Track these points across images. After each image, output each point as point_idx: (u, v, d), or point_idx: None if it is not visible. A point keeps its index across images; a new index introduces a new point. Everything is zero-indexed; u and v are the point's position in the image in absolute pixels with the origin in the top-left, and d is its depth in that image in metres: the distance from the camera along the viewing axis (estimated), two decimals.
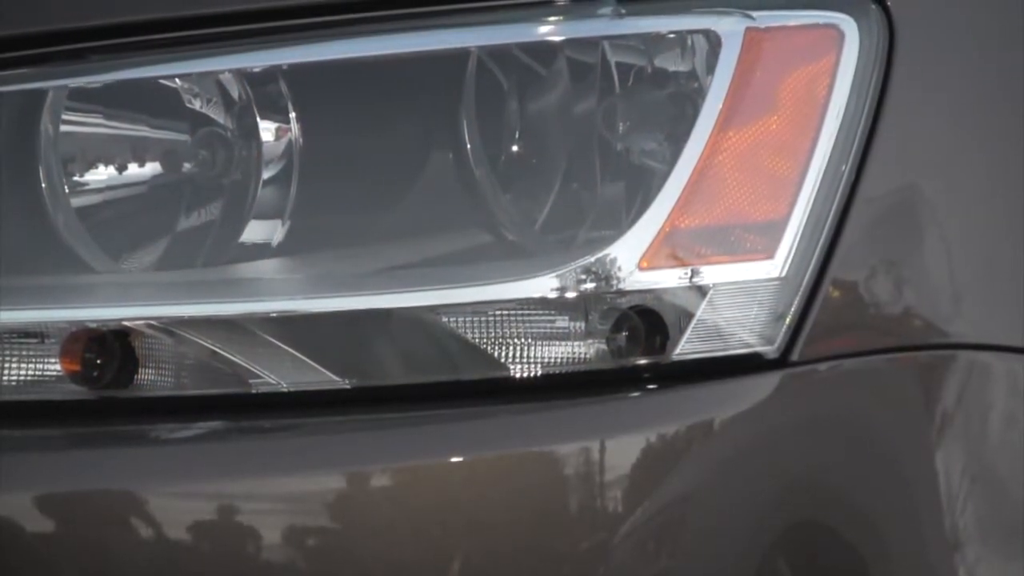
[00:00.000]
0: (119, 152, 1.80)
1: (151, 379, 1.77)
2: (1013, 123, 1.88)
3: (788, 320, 1.76)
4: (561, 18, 1.79)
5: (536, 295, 1.74)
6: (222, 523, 1.73)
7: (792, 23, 1.79)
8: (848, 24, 1.79)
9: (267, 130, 1.79)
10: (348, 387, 1.76)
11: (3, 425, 1.80)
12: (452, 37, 1.79)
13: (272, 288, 1.78)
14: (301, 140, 1.79)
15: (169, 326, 1.76)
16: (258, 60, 1.79)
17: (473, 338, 1.75)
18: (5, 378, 1.80)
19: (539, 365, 1.75)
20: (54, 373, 1.78)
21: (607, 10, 1.79)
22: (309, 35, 1.81)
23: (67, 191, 1.80)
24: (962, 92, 1.87)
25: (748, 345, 1.76)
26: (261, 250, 1.79)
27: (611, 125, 1.79)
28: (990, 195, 1.86)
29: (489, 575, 1.72)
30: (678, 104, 1.78)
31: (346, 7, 1.82)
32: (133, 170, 1.80)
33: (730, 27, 1.78)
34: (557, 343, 1.75)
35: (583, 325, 1.75)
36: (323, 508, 1.73)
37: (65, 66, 1.81)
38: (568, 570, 1.72)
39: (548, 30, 1.78)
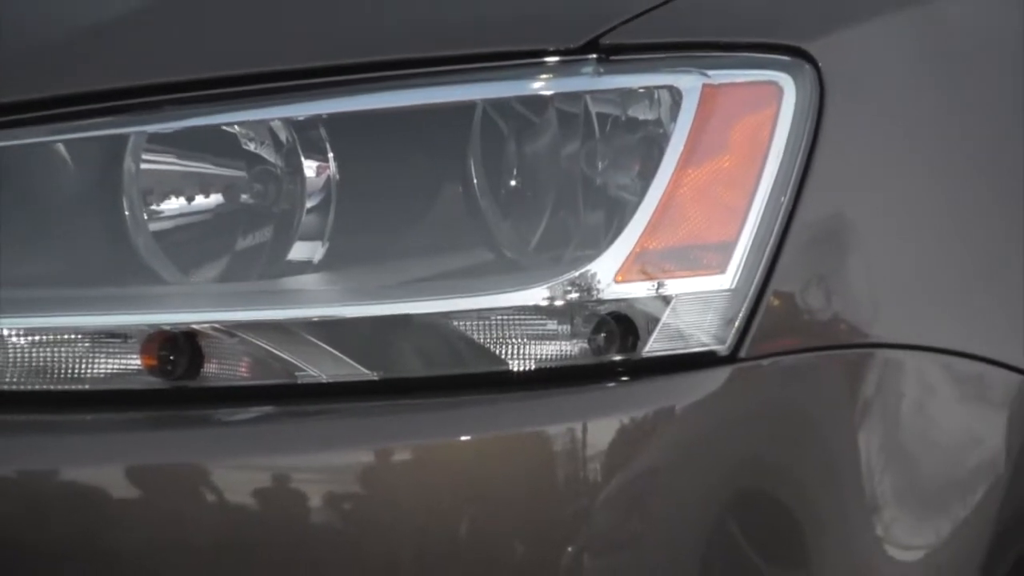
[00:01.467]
0: (188, 186, 1.78)
1: (215, 372, 1.74)
2: (920, 159, 1.86)
3: (737, 324, 1.75)
4: (551, 76, 1.77)
5: (530, 303, 1.73)
6: (272, 490, 1.71)
7: (740, 80, 1.78)
8: (786, 81, 1.78)
9: (309, 168, 1.77)
10: (376, 379, 1.74)
11: (94, 410, 1.75)
12: (461, 91, 1.77)
13: (313, 298, 1.76)
14: (338, 176, 1.76)
15: (230, 328, 1.74)
16: (302, 110, 1.77)
17: (478, 338, 1.74)
18: (95, 371, 1.75)
19: (533, 361, 1.73)
20: (135, 367, 1.74)
21: (588, 69, 1.76)
22: (344, 89, 1.78)
23: (146, 218, 1.76)
24: (880, 134, 1.85)
25: (704, 344, 1.74)
26: (304, 266, 1.77)
27: (592, 163, 1.76)
28: (903, 221, 1.84)
29: (490, 532, 1.70)
30: (647, 146, 1.76)
31: (373, 67, 1.78)
32: (200, 200, 1.77)
33: (689, 83, 1.77)
34: (547, 343, 1.74)
35: (569, 328, 1.73)
36: (355, 478, 1.71)
37: (144, 114, 1.78)
38: (557, 529, 1.69)
39: (540, 85, 1.76)
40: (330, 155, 1.77)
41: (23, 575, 1.71)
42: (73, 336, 1.76)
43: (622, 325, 1.73)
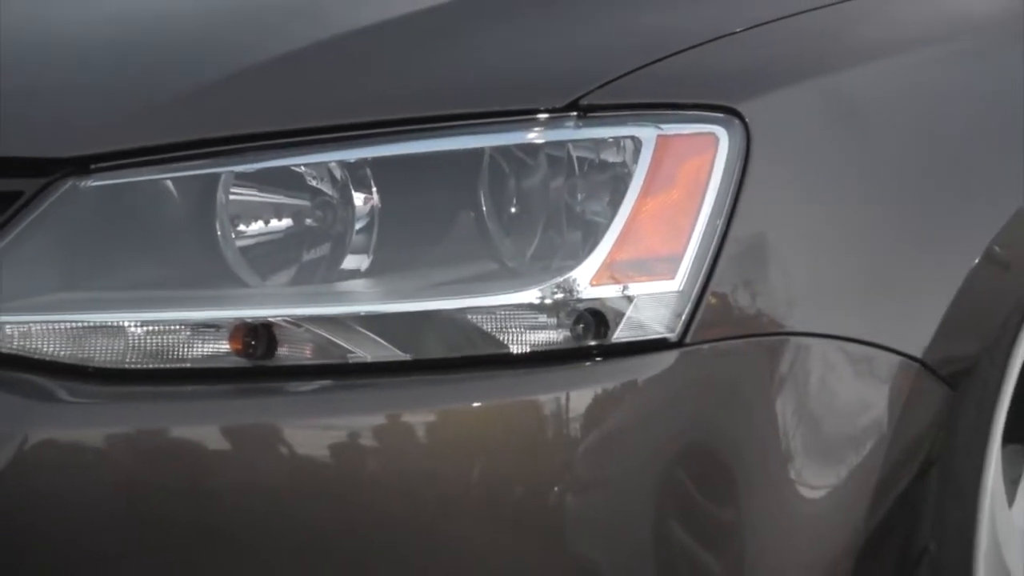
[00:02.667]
0: (266, 212, 1.77)
1: (286, 354, 1.74)
2: (824, 191, 1.84)
3: (683, 317, 1.75)
4: (542, 128, 1.77)
5: (526, 302, 1.74)
6: (330, 444, 1.71)
7: (686, 131, 1.78)
8: (721, 132, 1.78)
9: (358, 198, 1.77)
10: (408, 359, 1.74)
11: (194, 383, 1.74)
12: (473, 140, 1.77)
13: (361, 297, 1.75)
14: (379, 204, 1.76)
15: (297, 321, 1.73)
16: (352, 155, 1.77)
17: (486, 328, 1.74)
18: (195, 353, 1.74)
19: (528, 345, 1.74)
20: (225, 350, 1.74)
21: (570, 123, 1.77)
22: (383, 139, 1.78)
23: (233, 236, 1.76)
24: (793, 172, 1.83)
25: (658, 333, 1.75)
26: (354, 273, 1.77)
27: (572, 195, 1.77)
28: (810, 239, 1.82)
29: (495, 476, 1.71)
30: (614, 182, 1.77)
31: (406, 121, 1.78)
32: (274, 223, 1.77)
33: (647, 134, 1.77)
34: (539, 332, 1.74)
35: (555, 320, 1.74)
36: (392, 434, 1.72)
37: (232, 158, 1.78)
38: (546, 474, 1.71)
39: (534, 135, 1.77)
40: (374, 189, 1.77)
41: (145, 510, 1.71)
42: (178, 327, 1.74)
43: (596, 318, 1.75)
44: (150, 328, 1.76)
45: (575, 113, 1.79)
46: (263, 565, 1.72)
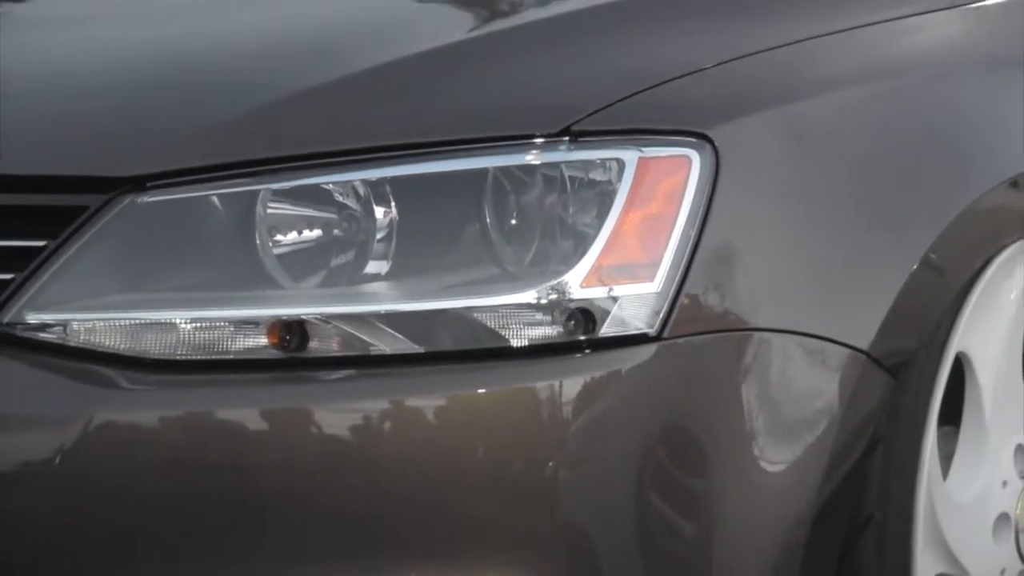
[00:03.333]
0: (299, 224, 1.77)
1: (316, 346, 1.73)
2: (783, 205, 1.84)
3: (661, 315, 1.75)
4: (538, 151, 1.77)
5: (525, 301, 1.74)
6: (354, 424, 1.71)
7: (663, 154, 1.78)
8: (694, 155, 1.78)
9: (379, 212, 1.76)
10: (422, 351, 1.73)
11: (236, 372, 1.74)
12: (479, 161, 1.77)
13: (381, 298, 1.75)
14: (397, 217, 1.76)
15: (326, 318, 1.73)
16: (373, 174, 1.76)
17: (491, 324, 1.74)
18: (237, 345, 1.73)
19: (526, 339, 1.74)
20: (263, 344, 1.73)
21: (563, 147, 1.77)
22: (401, 160, 1.78)
23: (270, 245, 1.76)
24: (756, 189, 1.83)
25: (639, 329, 1.74)
26: (375, 277, 1.76)
27: (565, 209, 1.77)
28: (772, 247, 1.82)
29: (498, 452, 1.71)
30: (601, 198, 1.77)
31: (420, 145, 1.78)
32: (306, 234, 1.77)
33: (630, 156, 1.77)
34: (536, 327, 1.74)
35: (550, 318, 1.74)
36: (408, 416, 1.72)
37: (269, 176, 1.77)
38: (543, 450, 1.71)
39: (531, 157, 1.77)
40: (392, 203, 1.77)
41: (192, 482, 1.71)
42: (222, 323, 1.74)
43: (585, 316, 1.75)
44: (198, 324, 1.75)
45: (567, 138, 1.79)
46: (296, 530, 1.71)
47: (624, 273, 1.77)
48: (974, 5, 2.12)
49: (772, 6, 2.04)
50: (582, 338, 1.75)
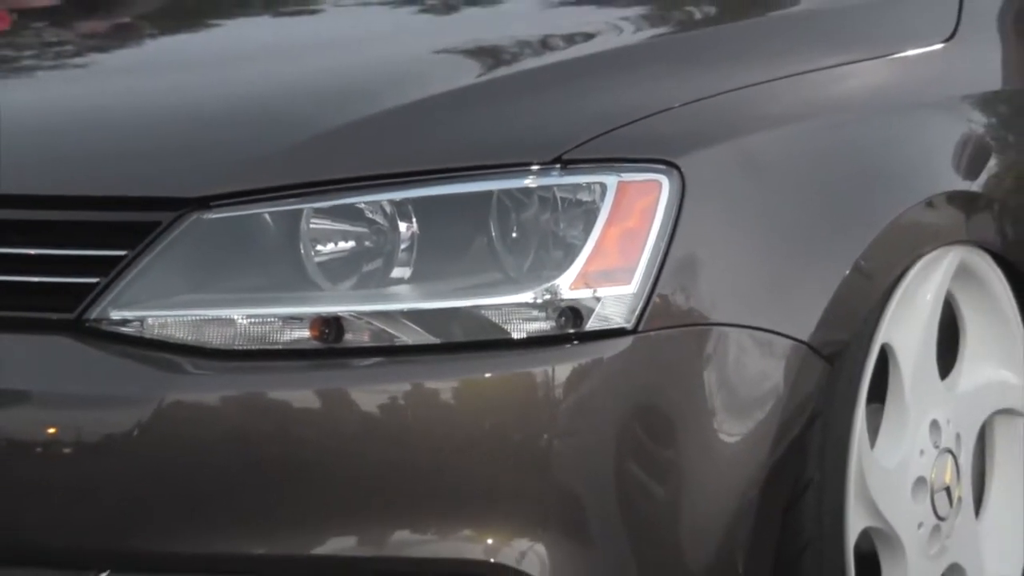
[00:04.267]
0: (336, 237, 1.76)
1: (350, 339, 1.72)
2: (740, 221, 1.82)
3: (637, 312, 1.74)
4: (535, 176, 1.76)
5: (524, 301, 1.73)
6: (381, 404, 1.71)
7: (639, 179, 1.77)
8: (664, 179, 1.78)
9: (402, 226, 1.75)
10: (438, 342, 1.72)
11: (284, 360, 1.73)
12: (485, 184, 1.76)
13: (404, 298, 1.74)
14: (418, 231, 1.75)
15: (358, 315, 1.72)
16: (398, 195, 1.75)
17: (495, 320, 1.73)
18: (285, 338, 1.72)
19: (525, 332, 1.73)
20: (306, 336, 1.72)
21: (556, 172, 1.76)
22: (421, 183, 1.77)
23: (312, 255, 1.75)
24: (716, 207, 1.81)
25: (619, 324, 1.74)
26: (399, 281, 1.75)
27: (557, 224, 1.76)
28: (729, 255, 1.81)
29: (501, 427, 1.70)
30: (587, 215, 1.76)
31: (437, 171, 1.77)
32: (341, 244, 1.76)
33: (610, 180, 1.77)
34: (533, 323, 1.73)
35: (544, 315, 1.73)
36: (427, 397, 1.71)
37: (311, 197, 1.76)
38: (538, 425, 1.70)
39: (529, 181, 1.76)
40: (413, 219, 1.76)
41: (247, 451, 1.70)
42: (272, 319, 1.74)
43: (573, 313, 1.74)
44: (252, 320, 1.75)
45: (558, 165, 1.78)
46: (332, 489, 1.71)
47: (606, 277, 1.76)
48: (894, 56, 2.10)
49: (726, 57, 2.02)
50: (571, 331, 1.75)
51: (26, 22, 2.46)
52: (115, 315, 1.75)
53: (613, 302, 1.76)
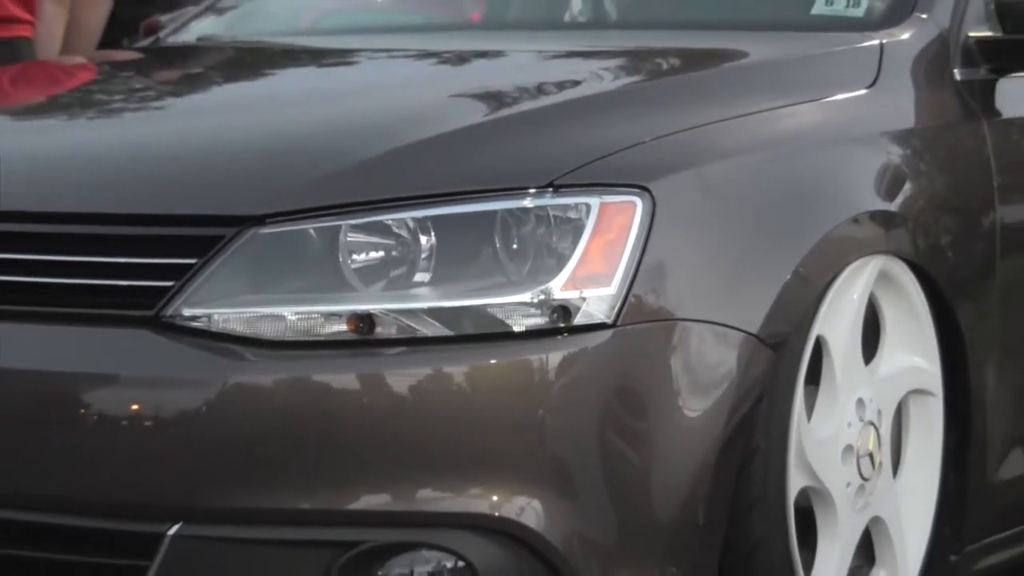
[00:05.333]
0: (369, 248, 1.74)
1: (380, 332, 1.71)
2: (700, 234, 1.81)
3: (615, 310, 1.73)
4: (531, 198, 1.76)
5: (523, 301, 1.72)
6: (408, 385, 1.70)
7: (617, 200, 1.76)
8: (638, 200, 1.77)
9: (423, 239, 1.74)
10: (452, 335, 1.71)
11: (325, 349, 1.71)
12: (490, 205, 1.75)
13: (424, 298, 1.72)
14: (435, 243, 1.73)
15: (387, 312, 1.71)
16: (419, 214, 1.74)
17: (499, 316, 1.72)
18: (326, 331, 1.71)
19: (523, 326, 1.72)
20: (344, 329, 1.71)
21: (548, 195, 1.76)
22: (438, 203, 1.75)
23: (349, 263, 1.73)
24: (682, 223, 1.80)
25: (600, 319, 1.73)
26: (420, 284, 1.73)
27: (550, 237, 1.74)
28: (692, 263, 1.79)
29: (503, 404, 1.68)
30: (575, 230, 1.75)
31: (451, 193, 1.76)
32: (372, 254, 1.74)
33: (594, 201, 1.76)
34: (530, 318, 1.72)
35: (539, 312, 1.72)
36: (442, 380, 1.70)
37: (348, 215, 1.74)
38: (534, 402, 1.69)
39: (527, 202, 1.75)
40: (432, 233, 1.74)
41: (294, 425, 1.68)
42: (316, 315, 1.72)
43: (564, 310, 1.73)
44: (299, 316, 1.74)
45: (551, 189, 1.77)
46: (366, 456, 1.70)
47: (590, 281, 1.75)
48: (826, 100, 2.07)
49: (687, 100, 2.01)
50: (561, 325, 1.74)
51: (113, 70, 2.47)
52: (187, 312, 1.74)
53: (596, 301, 1.75)
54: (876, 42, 2.13)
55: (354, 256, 1.75)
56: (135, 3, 2.98)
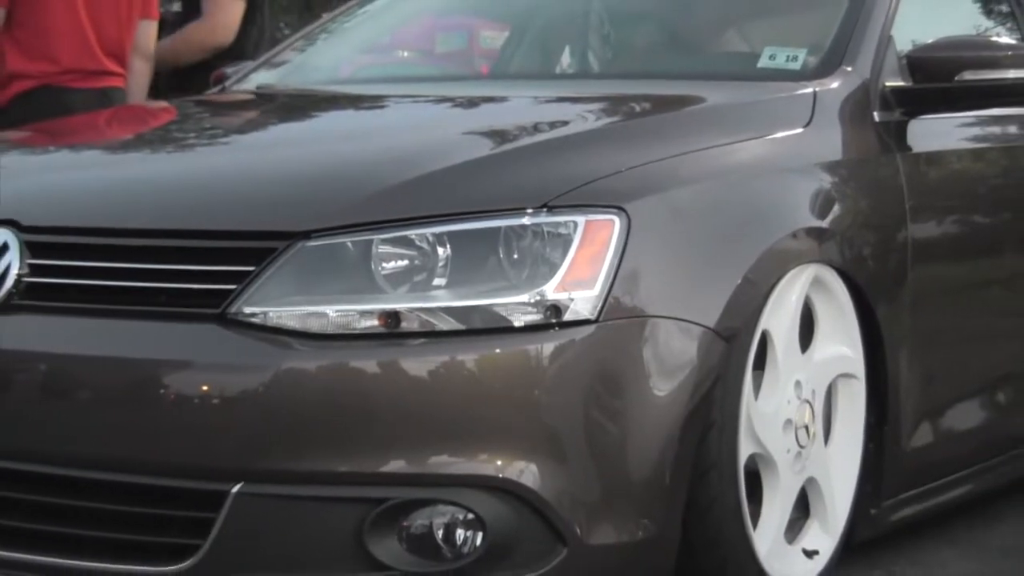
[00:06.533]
0: (396, 257, 1.70)
1: (405, 326, 1.68)
2: (669, 245, 1.79)
3: (598, 308, 1.71)
4: (528, 216, 1.73)
5: (523, 301, 1.70)
6: (428, 370, 1.68)
7: (599, 218, 1.74)
8: (616, 219, 1.75)
9: (440, 250, 1.71)
10: (464, 328, 1.68)
11: (360, 340, 1.68)
12: (495, 222, 1.73)
13: (441, 299, 1.70)
14: (451, 253, 1.71)
15: (411, 310, 1.68)
16: (438, 230, 1.72)
17: (503, 314, 1.69)
18: (361, 325, 1.67)
19: (523, 322, 1.69)
20: (376, 324, 1.68)
21: (543, 214, 1.74)
22: (452, 220, 1.72)
23: (380, 270, 1.71)
24: (654, 237, 1.78)
25: (586, 316, 1.71)
26: (438, 287, 1.71)
27: (544, 249, 1.72)
28: (660, 269, 1.77)
29: (505, 385, 1.67)
30: (564, 243, 1.73)
31: (463, 212, 1.72)
32: (399, 263, 1.70)
33: (580, 219, 1.74)
34: (528, 315, 1.70)
35: (536, 310, 1.70)
36: (456, 365, 1.68)
37: (378, 231, 1.72)
38: (530, 383, 1.67)
39: (525, 220, 1.73)
40: (448, 245, 1.72)
41: (336, 400, 1.66)
42: (353, 313, 1.69)
43: (555, 309, 1.71)
44: (338, 313, 1.71)
45: (545, 209, 1.76)
46: (393, 427, 1.68)
47: (577, 285, 1.74)
48: (769, 137, 2.04)
49: (656, 138, 1.97)
50: (553, 321, 1.72)
51: (188, 113, 2.45)
52: (247, 310, 1.72)
53: (582, 302, 1.73)
54: (810, 90, 2.12)
55: (383, 264, 1.74)
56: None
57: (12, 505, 1.74)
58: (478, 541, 1.68)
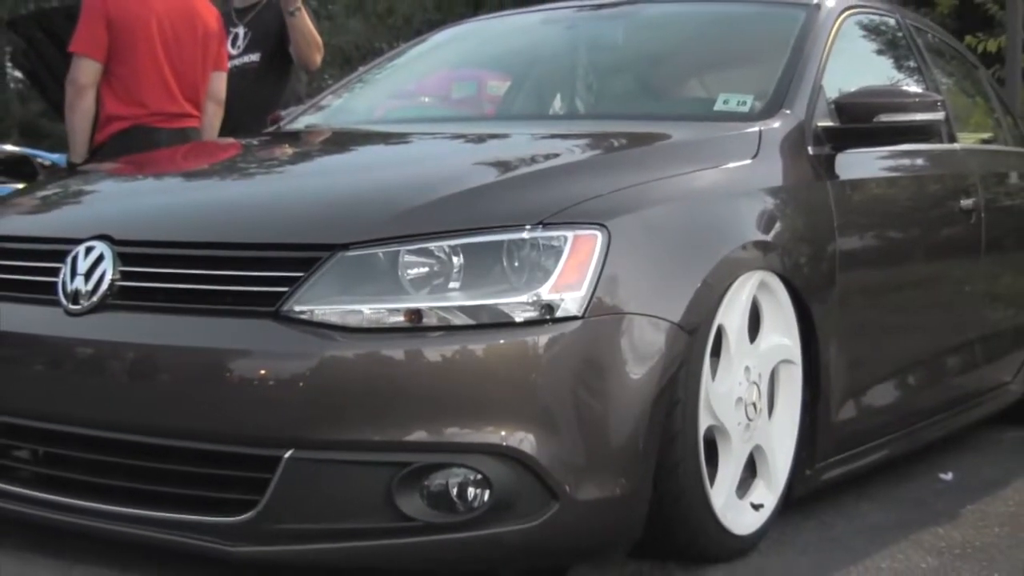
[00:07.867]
0: (419, 265, 1.66)
1: (426, 321, 1.65)
2: (643, 255, 1.75)
3: (584, 307, 1.68)
4: (527, 232, 1.70)
5: (522, 300, 1.67)
6: (444, 356, 1.64)
7: (585, 233, 1.71)
8: (599, 234, 1.72)
9: (454, 260, 1.68)
10: (473, 323, 1.65)
11: (389, 333, 1.64)
12: (500, 236, 1.70)
13: (456, 299, 1.66)
14: (463, 262, 1.68)
15: (429, 308, 1.65)
16: (452, 242, 1.68)
17: (506, 311, 1.66)
18: (390, 321, 1.65)
19: (523, 318, 1.66)
20: (403, 320, 1.65)
21: (539, 230, 1.70)
22: (464, 235, 1.69)
23: (405, 275, 1.67)
24: (629, 248, 1.73)
25: (574, 314, 1.67)
26: (452, 290, 1.67)
27: (539, 258, 1.69)
28: (635, 274, 1.73)
29: (506, 369, 1.62)
30: (556, 253, 1.69)
31: (473, 228, 1.69)
32: (420, 270, 1.66)
33: (570, 234, 1.71)
34: (527, 312, 1.67)
35: (533, 308, 1.67)
36: (466, 353, 1.64)
37: (404, 243, 1.68)
38: (527, 369, 1.62)
39: (524, 235, 1.70)
40: (461, 255, 1.69)
41: (368, 381, 1.62)
42: (383, 310, 1.66)
43: (549, 307, 1.68)
44: (372, 311, 1.68)
45: (541, 226, 1.73)
46: (414, 404, 1.65)
47: (567, 287, 1.71)
48: (723, 167, 2.00)
49: (631, 167, 1.92)
50: (548, 317, 1.69)
51: (250, 148, 2.42)
52: (297, 308, 1.70)
53: (571, 301, 1.70)
54: (756, 128, 2.10)
55: (408, 271, 1.71)
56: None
57: (112, 467, 1.74)
58: (486, 497, 1.66)
